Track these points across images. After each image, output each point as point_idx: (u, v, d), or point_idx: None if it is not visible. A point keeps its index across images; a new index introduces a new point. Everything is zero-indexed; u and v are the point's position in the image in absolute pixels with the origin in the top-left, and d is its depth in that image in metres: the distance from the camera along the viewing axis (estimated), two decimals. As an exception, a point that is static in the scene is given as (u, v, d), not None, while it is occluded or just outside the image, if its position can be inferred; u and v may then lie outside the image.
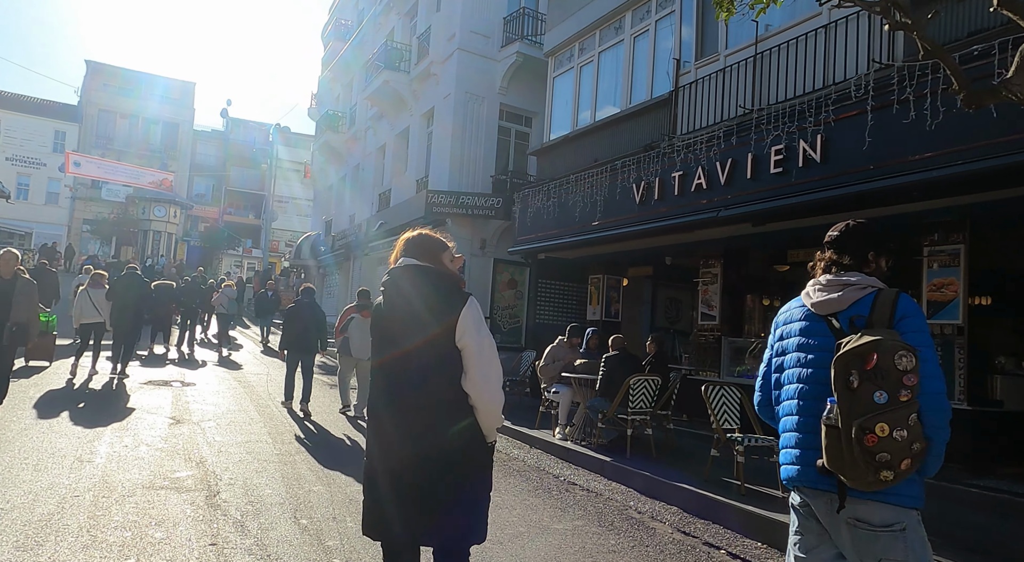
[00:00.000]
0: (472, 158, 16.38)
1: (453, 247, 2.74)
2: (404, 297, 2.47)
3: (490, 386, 2.41)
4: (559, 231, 11.02)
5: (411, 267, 2.51)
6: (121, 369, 10.34)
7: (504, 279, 16.89)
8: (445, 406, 2.38)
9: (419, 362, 2.39)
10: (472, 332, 2.39)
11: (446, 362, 2.39)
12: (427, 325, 2.39)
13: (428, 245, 2.61)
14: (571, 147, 11.44)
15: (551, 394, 8.06)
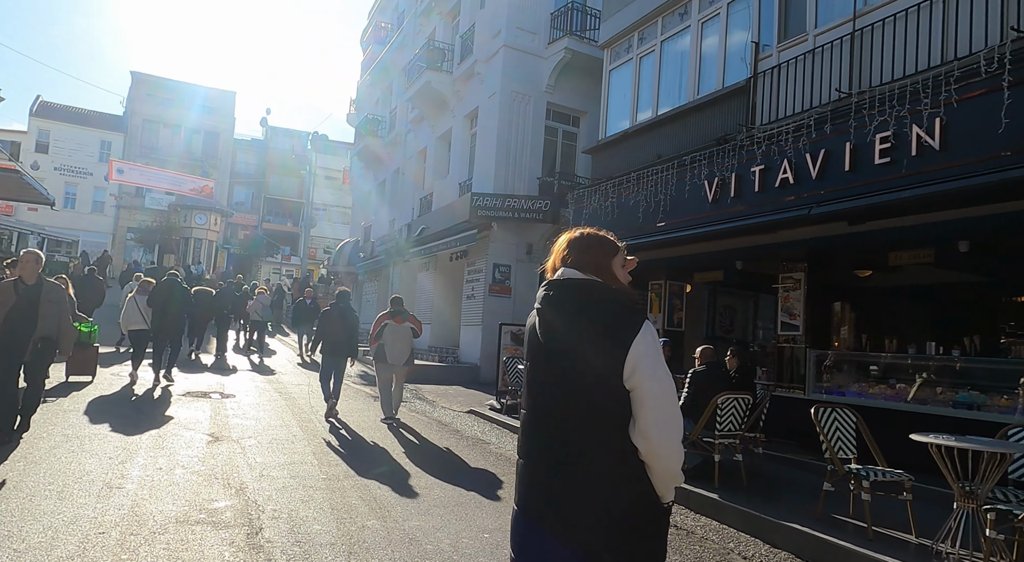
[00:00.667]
0: (518, 160, 15.72)
1: (623, 249, 2.14)
2: (560, 321, 1.94)
3: (667, 438, 1.82)
4: (618, 233, 10.11)
5: (571, 282, 1.99)
6: (166, 373, 10.54)
7: (551, 286, 16.14)
8: (608, 461, 1.83)
9: (576, 405, 1.87)
10: (646, 369, 1.83)
11: (610, 406, 1.85)
12: (587, 358, 1.86)
13: (593, 248, 2.09)
14: (631, 143, 10.67)
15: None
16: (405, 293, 21.02)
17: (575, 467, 1.84)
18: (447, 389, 13.00)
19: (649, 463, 1.83)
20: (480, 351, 15.09)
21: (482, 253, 15.57)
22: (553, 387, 1.92)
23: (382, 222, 24.00)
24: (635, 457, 1.82)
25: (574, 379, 1.87)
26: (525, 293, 15.61)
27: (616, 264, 2.07)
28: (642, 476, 1.84)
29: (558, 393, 1.90)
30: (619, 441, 1.82)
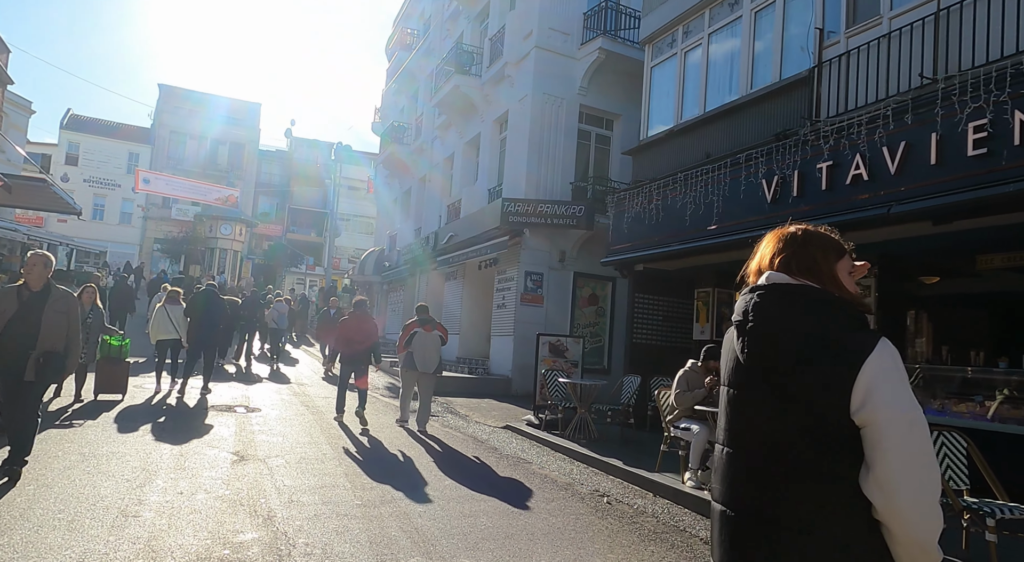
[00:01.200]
0: (550, 164, 15.19)
1: (851, 250, 1.72)
2: (771, 337, 1.57)
3: (916, 495, 1.34)
4: (663, 238, 9.64)
5: (785, 288, 1.62)
6: (202, 386, 10.48)
7: (585, 294, 15.58)
8: (826, 521, 1.41)
9: (780, 444, 1.47)
10: (883, 398, 1.38)
11: (830, 446, 1.43)
12: (806, 384, 1.46)
13: (814, 248, 1.67)
14: (676, 143, 10.08)
15: (678, 431, 6.65)
16: (432, 303, 20.55)
17: (774, 530, 1.44)
18: (479, 402, 12.43)
19: (891, 527, 1.36)
20: (512, 362, 14.52)
21: (513, 261, 15.03)
22: (761, 419, 1.54)
23: (407, 231, 23.60)
24: (866, 517, 1.38)
25: (789, 410, 1.48)
26: (558, 302, 15.04)
27: (842, 269, 1.65)
28: (877, 544, 1.38)
29: (770, 427, 1.51)
30: (842, 498, 1.40)
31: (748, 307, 1.63)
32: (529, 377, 14.53)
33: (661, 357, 10.76)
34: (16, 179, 16.80)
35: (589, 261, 15.34)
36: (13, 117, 37.36)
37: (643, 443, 8.78)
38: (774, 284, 1.63)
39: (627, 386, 9.38)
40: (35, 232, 39.96)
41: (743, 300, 1.67)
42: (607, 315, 15.75)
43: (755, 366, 1.58)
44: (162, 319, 10.41)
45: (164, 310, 10.47)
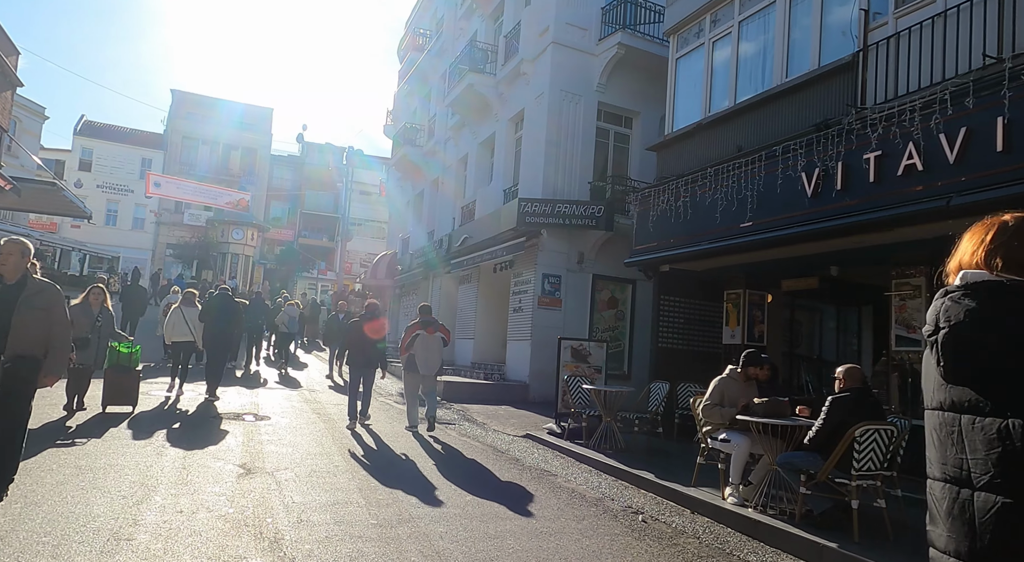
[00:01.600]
0: (567, 163, 14.73)
1: None
2: (993, 346, 1.28)
3: None
4: (691, 237, 9.14)
5: (987, 286, 1.35)
6: (211, 390, 10.10)
7: (604, 297, 15.08)
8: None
9: None
10: None
11: None
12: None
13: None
14: (704, 137, 9.59)
15: (717, 442, 6.14)
16: (445, 307, 20.22)
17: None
18: (496, 409, 11.96)
19: None
20: (529, 368, 14.04)
21: (530, 263, 14.57)
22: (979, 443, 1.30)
23: (420, 234, 23.22)
24: None
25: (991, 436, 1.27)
26: (576, 305, 14.56)
27: None
28: None
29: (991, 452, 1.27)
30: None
31: (939, 313, 1.39)
32: (548, 383, 14.06)
33: (688, 362, 10.25)
34: (25, 183, 16.57)
35: (608, 263, 14.86)
36: (27, 123, 37.49)
37: (674, 454, 8.27)
38: (976, 283, 1.39)
39: (655, 393, 8.87)
40: (48, 237, 40.03)
41: (933, 306, 1.44)
42: (627, 319, 15.25)
43: (962, 379, 1.25)
44: (178, 321, 10.26)
45: (180, 311, 10.32)
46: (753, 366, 6.23)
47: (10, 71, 16.84)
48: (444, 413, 11.18)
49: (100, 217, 48.82)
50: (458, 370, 16.32)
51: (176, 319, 10.36)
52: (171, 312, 10.67)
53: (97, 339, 7.98)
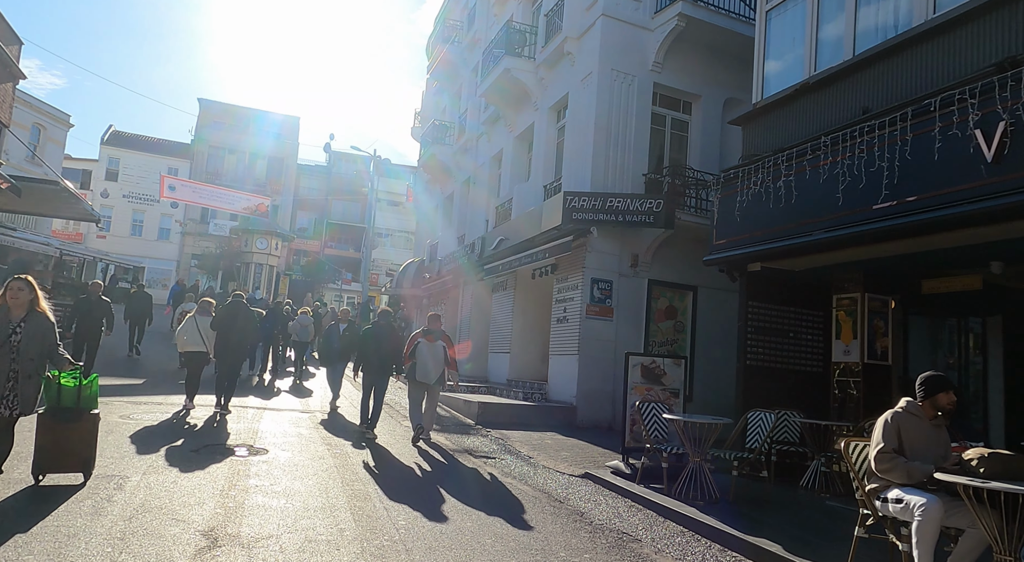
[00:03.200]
0: (618, 154, 12.88)
1: None
2: None
3: None
4: (796, 225, 7.19)
5: None
6: (224, 404, 9.45)
7: (661, 306, 13.13)
8: None
9: None
10: None
11: None
12: None
13: None
14: (810, 101, 7.66)
15: (891, 505, 4.17)
16: (478, 318, 18.43)
17: None
18: (541, 438, 10.06)
19: None
20: (576, 388, 12.12)
21: (577, 266, 12.70)
22: None
23: (449, 239, 21.50)
24: None
25: None
26: (630, 315, 12.63)
27: None
28: None
29: None
30: None
31: None
32: (599, 405, 12.16)
33: (782, 384, 8.26)
34: (25, 181, 15.21)
35: (666, 266, 12.94)
36: (51, 131, 36.87)
37: (790, 508, 6.29)
38: None
39: (755, 425, 6.89)
40: (71, 247, 39.32)
41: None
42: (687, 331, 13.26)
43: None
44: (190, 330, 9.76)
45: (194, 320, 9.83)
46: (944, 392, 4.27)
47: (10, 62, 15.58)
48: (481, 442, 9.34)
49: (126, 227, 48.34)
50: (493, 388, 14.47)
51: (189, 328, 9.79)
52: (185, 321, 10.11)
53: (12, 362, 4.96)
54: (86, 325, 11.77)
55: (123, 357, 15.52)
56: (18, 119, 34.47)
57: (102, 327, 12.05)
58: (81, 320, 11.75)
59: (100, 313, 12.02)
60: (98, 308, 12.04)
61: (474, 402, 11.65)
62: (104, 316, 12.10)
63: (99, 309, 12.04)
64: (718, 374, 12.93)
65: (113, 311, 12.41)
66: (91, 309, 11.90)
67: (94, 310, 11.93)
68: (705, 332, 13.21)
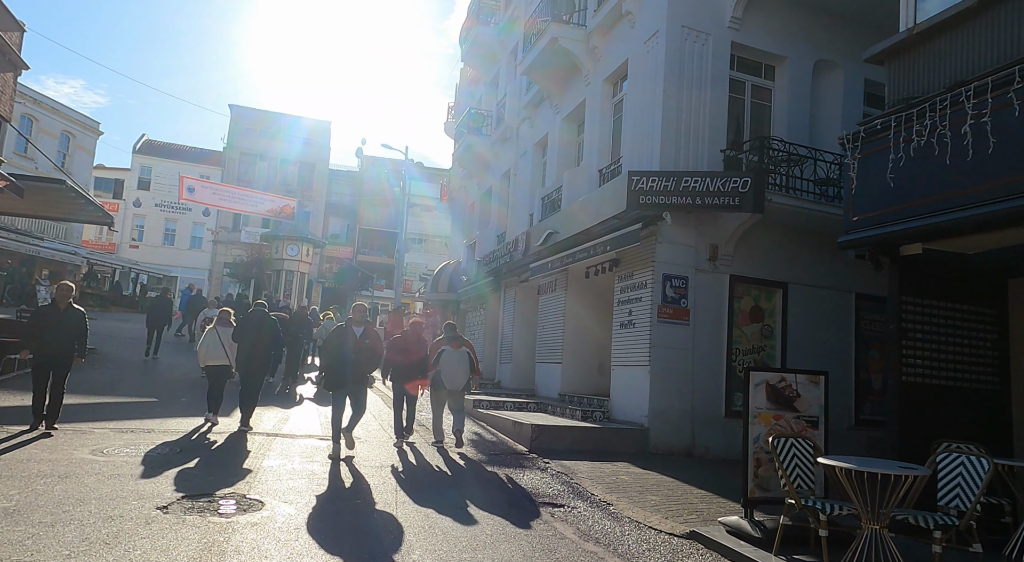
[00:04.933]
0: (691, 128, 10.84)
1: None
2: None
3: None
4: (991, 186, 5.09)
5: None
6: (245, 421, 9.00)
7: (744, 307, 11.01)
8: None
9: None
10: None
11: None
12: None
13: None
14: (992, 20, 5.54)
15: None
16: (520, 324, 16.49)
17: None
18: (614, 471, 8.05)
19: None
20: (648, 406, 10.07)
21: (645, 260, 10.68)
22: None
23: (488, 238, 19.62)
24: None
25: None
26: (708, 318, 10.55)
27: None
28: None
29: None
30: None
31: None
32: (676, 427, 10.09)
33: (953, 408, 6.12)
34: (28, 181, 13.79)
35: (750, 259, 10.85)
36: (81, 138, 36.18)
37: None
38: None
39: (952, 472, 4.78)
40: (100, 257, 38.68)
41: None
42: (776, 336, 11.11)
43: None
44: (212, 343, 9.39)
45: (215, 332, 9.47)
46: None
47: (10, 50, 14.23)
48: (541, 480, 7.36)
49: (158, 237, 47.76)
50: (543, 404, 12.49)
51: (211, 341, 9.41)
52: (206, 333, 9.69)
53: None
54: (50, 347, 7.85)
55: (139, 362, 14.97)
56: (47, 127, 33.91)
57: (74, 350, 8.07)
58: (43, 339, 7.85)
59: (69, 330, 7.97)
60: (68, 321, 7.97)
61: (526, 424, 9.70)
62: (75, 335, 7.99)
63: (68, 322, 7.97)
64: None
65: (87, 327, 8.22)
66: (59, 322, 7.89)
67: (62, 324, 7.91)
68: (798, 338, 11.04)
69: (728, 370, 10.61)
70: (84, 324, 8.23)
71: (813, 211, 10.32)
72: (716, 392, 10.48)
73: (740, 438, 10.54)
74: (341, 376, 7.89)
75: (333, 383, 7.94)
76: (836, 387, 11.15)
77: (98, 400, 10.28)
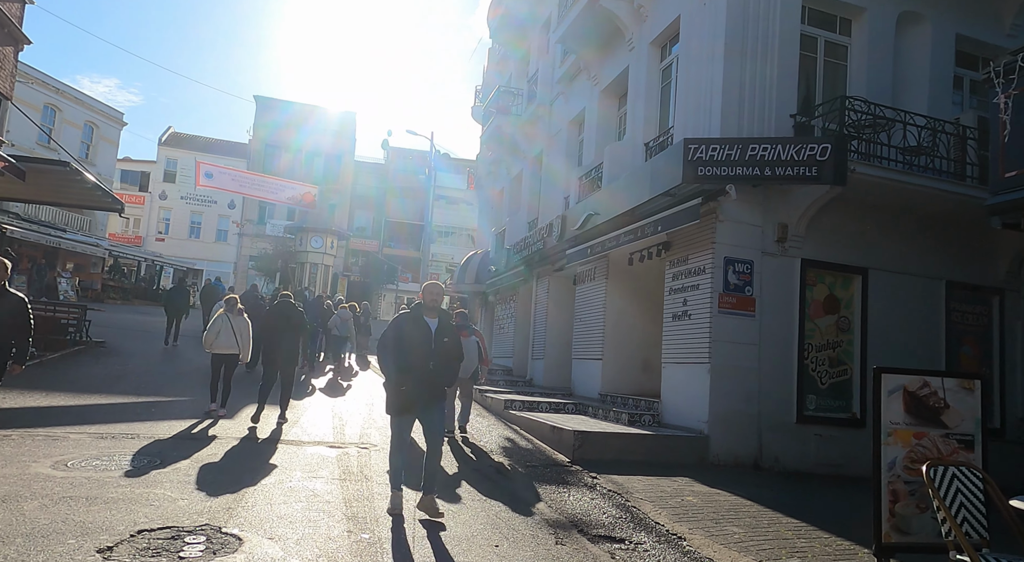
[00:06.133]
0: (755, 90, 9.40)
1: None
2: None
3: None
4: None
5: None
6: (280, 414, 8.85)
7: (818, 296, 9.54)
8: None
9: None
10: None
11: None
12: None
13: None
14: None
15: None
16: (555, 316, 15.13)
17: None
18: (676, 489, 6.71)
19: None
20: (708, 409, 8.69)
21: (703, 242, 9.28)
22: None
23: (519, 223, 18.32)
24: None
25: None
26: (776, 308, 9.13)
27: None
28: None
29: None
30: None
31: None
32: (741, 434, 8.68)
33: None
34: (29, 163, 12.84)
35: (824, 241, 9.39)
36: (104, 129, 35.64)
37: None
38: None
39: None
40: (124, 249, 38.28)
41: None
42: (855, 329, 9.63)
43: None
44: (224, 329, 8.96)
45: (227, 319, 9.06)
46: None
47: (8, 22, 13.30)
48: (591, 502, 6.05)
49: (184, 229, 47.35)
50: (582, 405, 11.16)
51: (222, 327, 8.97)
52: (216, 318, 9.22)
53: None
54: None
55: (147, 356, 14.25)
56: (70, 117, 33.40)
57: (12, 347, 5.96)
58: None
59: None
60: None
61: (567, 430, 8.39)
62: (9, 328, 5.88)
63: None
64: None
65: (30, 319, 6.04)
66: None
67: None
68: (880, 332, 9.56)
69: (800, 368, 9.17)
70: (24, 315, 5.93)
71: (903, 184, 8.82)
72: (786, 394, 9.06)
73: (813, 448, 9.23)
74: (407, 391, 5.16)
75: (397, 405, 5.23)
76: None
77: (87, 401, 9.25)
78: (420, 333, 5.23)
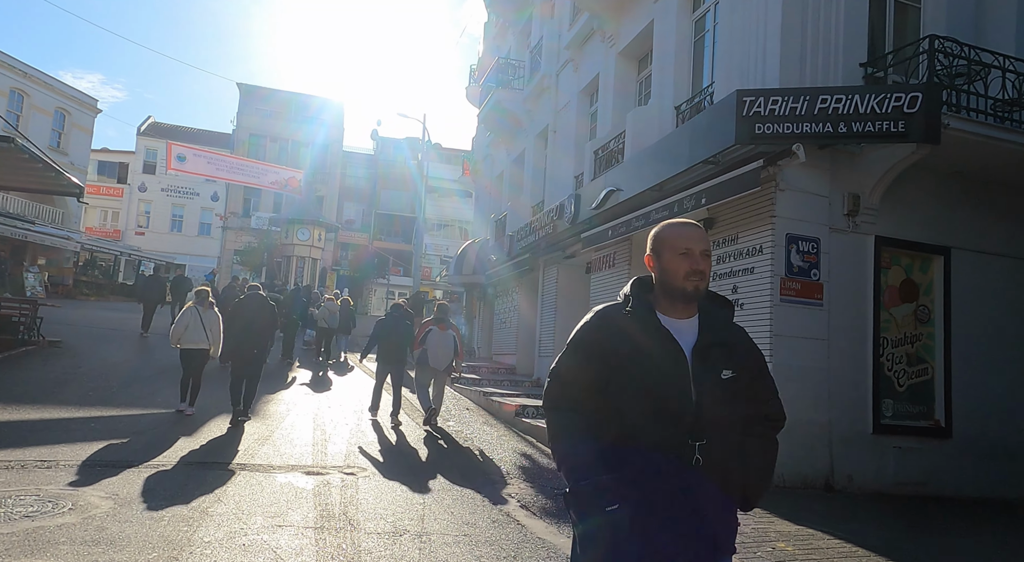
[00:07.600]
0: (817, 35, 7.84)
1: None
2: None
3: None
4: None
5: None
6: (244, 411, 8.19)
7: (894, 280, 7.98)
8: None
9: None
10: None
11: None
12: None
13: None
14: None
15: None
16: (564, 310, 13.59)
17: None
18: (746, 524, 5.15)
19: None
20: (771, 419, 7.12)
21: (757, 216, 7.71)
22: None
23: (522, 208, 16.71)
24: None
25: None
26: (846, 294, 7.58)
27: None
28: None
29: None
30: None
31: None
32: (808, 448, 7.07)
33: None
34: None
35: (899, 214, 7.85)
36: (77, 116, 33.57)
37: None
38: None
39: None
40: (99, 243, 36.30)
41: None
42: (936, 320, 8.09)
43: None
44: (193, 322, 8.52)
45: (196, 311, 8.62)
46: None
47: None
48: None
49: (165, 223, 45.38)
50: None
51: (191, 320, 8.54)
52: (184, 311, 8.89)
53: None
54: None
55: (105, 356, 12.80)
56: (40, 103, 31.38)
57: None
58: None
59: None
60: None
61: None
62: None
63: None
64: (991, 395, 7.84)
65: None
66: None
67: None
68: (965, 324, 8.03)
69: (875, 368, 7.64)
70: None
71: (1003, 143, 7.28)
72: (860, 399, 7.53)
73: (891, 463, 7.66)
74: None
75: None
76: (1019, 389, 8.18)
77: (10, 416, 7.56)
78: None
